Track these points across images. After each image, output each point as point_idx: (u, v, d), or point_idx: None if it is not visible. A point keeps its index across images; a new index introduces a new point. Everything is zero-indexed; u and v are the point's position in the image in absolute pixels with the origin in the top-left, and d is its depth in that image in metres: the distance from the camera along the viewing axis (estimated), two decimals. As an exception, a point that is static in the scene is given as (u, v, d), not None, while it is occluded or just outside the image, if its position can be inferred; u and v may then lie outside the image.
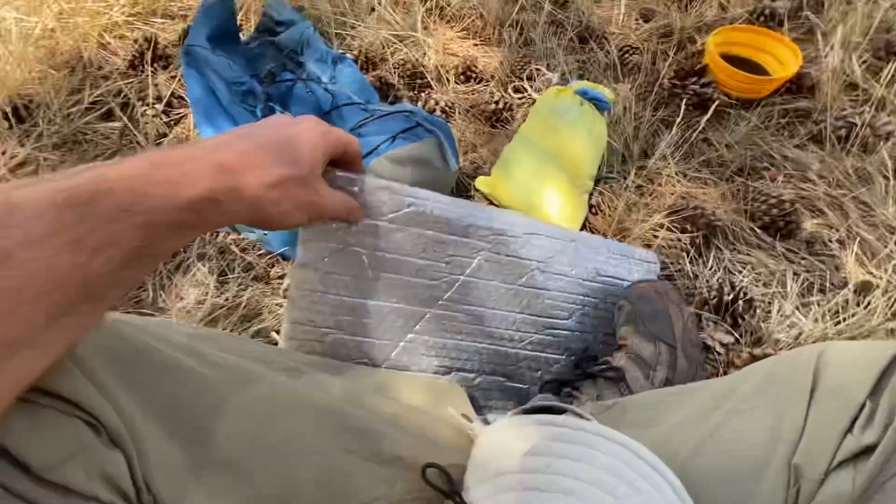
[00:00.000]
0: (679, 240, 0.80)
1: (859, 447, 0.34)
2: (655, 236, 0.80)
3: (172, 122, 0.94)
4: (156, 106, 0.92)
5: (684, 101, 0.97)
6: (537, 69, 1.04)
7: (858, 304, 0.69)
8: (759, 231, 0.83)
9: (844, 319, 0.67)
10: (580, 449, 0.37)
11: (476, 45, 1.12)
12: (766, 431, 0.38)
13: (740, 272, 0.78)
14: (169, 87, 0.95)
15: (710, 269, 0.79)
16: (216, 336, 0.47)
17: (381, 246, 0.52)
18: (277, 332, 0.66)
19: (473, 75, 1.03)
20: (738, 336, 0.68)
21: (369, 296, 0.53)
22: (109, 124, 0.92)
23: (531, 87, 1.01)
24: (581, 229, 0.80)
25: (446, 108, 0.96)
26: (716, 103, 0.92)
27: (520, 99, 1.01)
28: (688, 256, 0.80)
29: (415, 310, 0.56)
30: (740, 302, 0.68)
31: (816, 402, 0.37)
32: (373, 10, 1.12)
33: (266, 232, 0.75)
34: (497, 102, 0.96)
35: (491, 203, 0.84)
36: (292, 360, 0.46)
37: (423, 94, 0.98)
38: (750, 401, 0.40)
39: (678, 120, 0.87)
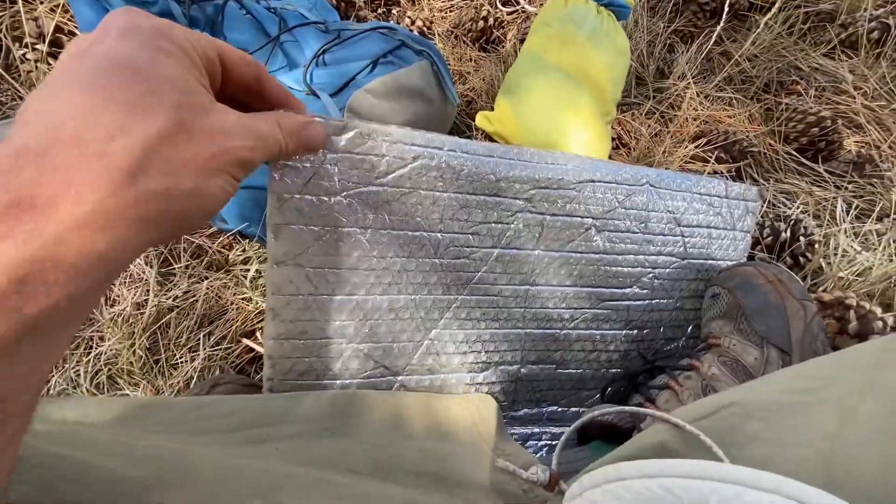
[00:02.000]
0: (717, 172, 0.68)
1: None
2: (689, 171, 0.69)
3: (65, 68, 0.71)
4: (37, 47, 0.69)
5: (700, 8, 0.83)
6: (527, -24, 0.86)
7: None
8: (797, 155, 0.73)
9: (913, 248, 0.59)
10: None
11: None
12: None
13: (784, 204, 0.68)
14: (52, 20, 0.71)
15: (750, 202, 0.68)
16: (166, 404, 0.30)
17: (384, 221, 0.39)
18: (247, 336, 0.50)
19: (451, -13, 0.84)
20: (799, 279, 0.58)
21: (376, 289, 0.40)
22: (-26, 74, 0.68)
23: (522, -2, 0.84)
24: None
25: (423, 29, 0.78)
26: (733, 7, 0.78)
27: (510, 14, 0.83)
28: (724, 190, 0.69)
29: (438, 298, 0.43)
30: (802, 240, 0.58)
31: None
32: None
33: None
34: (485, 19, 0.78)
35: (493, 142, 0.68)
36: (270, 417, 0.31)
37: (393, 12, 0.78)
38: None
39: (696, 30, 0.73)
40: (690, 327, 0.54)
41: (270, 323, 0.34)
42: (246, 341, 0.49)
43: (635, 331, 0.51)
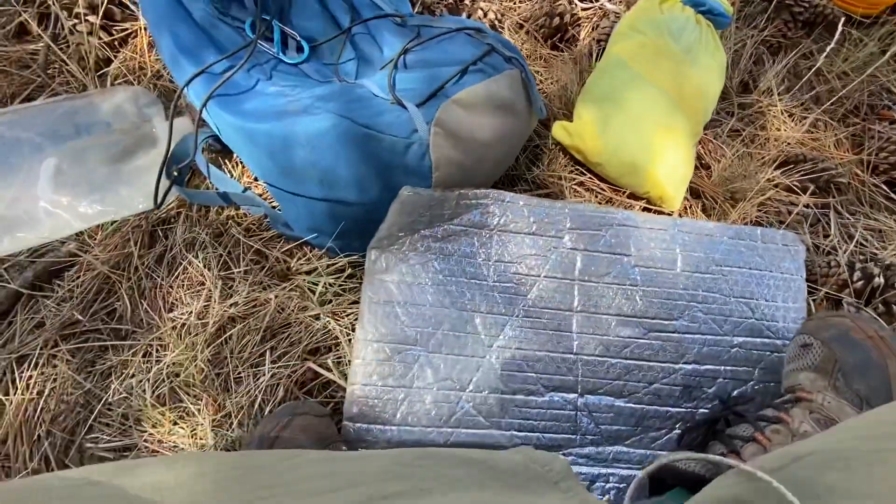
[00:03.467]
0: (804, 205, 0.64)
1: None
2: (770, 199, 0.64)
3: (118, 43, 0.67)
4: (89, 18, 0.65)
5: (793, 17, 0.77)
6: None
7: None
8: (885, 188, 0.68)
9: None
10: None
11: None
12: None
13: (873, 244, 0.64)
14: (106, -11, 0.67)
15: (834, 239, 0.64)
16: (256, 466, 0.27)
17: (448, 249, 0.49)
18: (312, 354, 0.48)
19: (524, -24, 0.78)
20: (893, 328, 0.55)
21: (445, 304, 0.48)
22: (24, 46, 0.65)
23: (601, -7, 0.78)
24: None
25: (495, 22, 0.72)
26: (840, 22, 0.72)
27: (586, 10, 0.77)
28: (806, 221, 0.65)
29: (497, 318, 0.49)
30: (897, 287, 0.55)
31: None
32: None
33: (277, 206, 0.54)
34: (560, 15, 0.72)
35: (569, 157, 0.64)
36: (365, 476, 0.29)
37: (465, 2, 0.73)
38: None
39: (787, 43, 0.67)
40: (757, 370, 0.52)
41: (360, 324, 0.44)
42: (312, 365, 0.46)
43: (692, 365, 0.52)
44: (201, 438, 0.44)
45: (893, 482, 0.29)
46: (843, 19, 0.73)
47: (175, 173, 0.52)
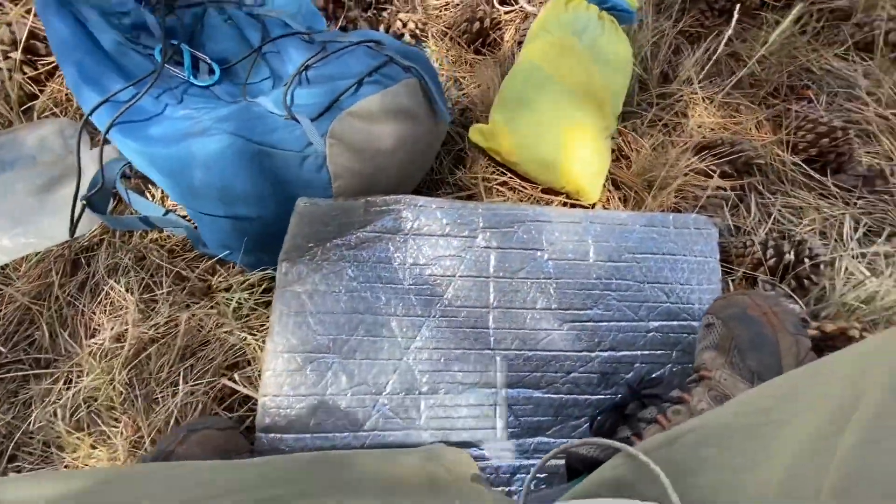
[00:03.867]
0: (719, 188, 0.66)
1: None
2: (690, 184, 0.66)
3: (44, 77, 0.68)
4: (11, 55, 0.66)
5: (709, 6, 0.79)
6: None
7: (941, 254, 0.59)
8: (804, 166, 0.70)
9: (923, 273, 0.57)
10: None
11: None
12: None
13: (791, 221, 0.65)
14: (26, 25, 0.68)
15: (754, 217, 0.66)
16: (132, 477, 0.29)
17: (362, 255, 0.50)
18: (230, 369, 0.49)
19: (446, -16, 0.80)
20: (801, 303, 0.56)
21: (360, 309, 0.49)
22: (-54, 85, 0.66)
23: (521, -4, 0.79)
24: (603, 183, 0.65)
25: (417, 32, 0.74)
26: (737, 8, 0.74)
27: (508, 13, 0.79)
28: (727, 204, 0.67)
29: (413, 320, 0.50)
30: (806, 263, 0.56)
31: None
32: None
33: (196, 225, 0.55)
34: (481, 20, 0.74)
35: (489, 158, 0.66)
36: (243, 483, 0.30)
37: (384, 15, 0.75)
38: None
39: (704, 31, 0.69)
40: (674, 353, 0.53)
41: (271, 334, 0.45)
42: (226, 382, 0.47)
43: (608, 352, 0.53)
44: (119, 461, 0.45)
45: (764, 454, 0.31)
46: (738, 6, 0.75)
47: (84, 202, 0.53)
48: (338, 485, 0.35)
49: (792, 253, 0.57)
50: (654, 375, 0.54)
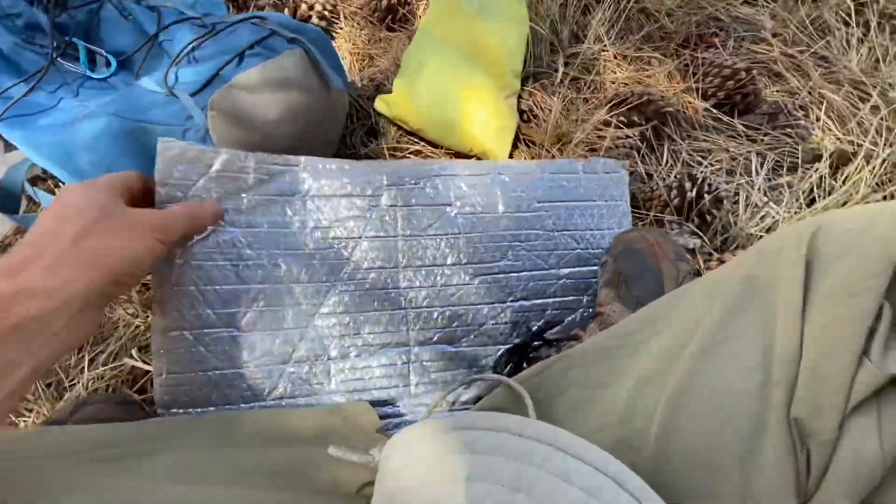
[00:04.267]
0: (627, 136, 0.67)
1: (884, 378, 0.24)
2: (601, 137, 0.67)
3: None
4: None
5: (614, -37, 0.80)
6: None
7: (836, 179, 0.60)
8: (714, 111, 0.71)
9: (821, 197, 0.59)
10: (498, 462, 0.25)
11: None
12: (755, 371, 0.27)
13: (700, 163, 0.67)
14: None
15: (666, 164, 0.67)
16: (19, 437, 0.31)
17: (255, 221, 0.47)
18: (141, 352, 0.50)
19: (354, -34, 0.81)
20: (705, 238, 0.58)
21: (256, 279, 0.47)
22: None
23: (429, -29, 0.80)
24: (514, 142, 0.66)
25: (326, 14, 0.75)
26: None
27: (418, -11, 0.80)
28: (639, 154, 0.68)
29: (318, 286, 0.49)
30: (706, 197, 0.58)
31: (812, 317, 0.26)
32: None
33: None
34: (389, -3, 0.75)
35: (400, 128, 0.67)
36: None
37: (291, 0, 0.75)
38: (728, 327, 0.29)
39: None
40: (586, 298, 0.54)
41: (156, 316, 0.43)
42: (129, 360, 0.48)
43: (519, 302, 0.53)
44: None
45: (623, 371, 0.32)
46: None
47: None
48: (218, 439, 0.35)
49: (694, 191, 0.58)
50: (566, 321, 0.55)
